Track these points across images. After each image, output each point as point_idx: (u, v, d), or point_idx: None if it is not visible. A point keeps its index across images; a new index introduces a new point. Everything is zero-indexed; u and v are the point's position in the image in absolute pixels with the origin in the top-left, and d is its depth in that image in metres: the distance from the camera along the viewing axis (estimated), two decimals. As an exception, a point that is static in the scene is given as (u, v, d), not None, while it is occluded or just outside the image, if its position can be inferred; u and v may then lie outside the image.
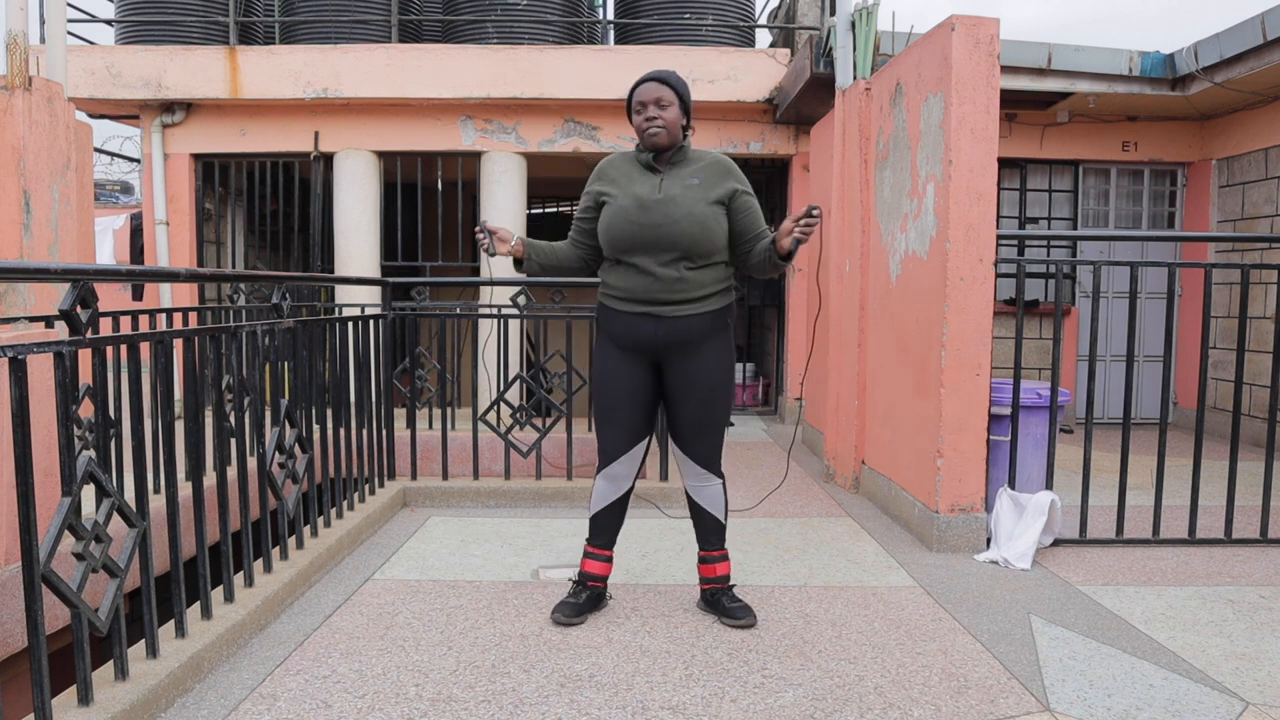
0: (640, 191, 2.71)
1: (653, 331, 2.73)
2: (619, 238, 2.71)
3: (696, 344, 2.74)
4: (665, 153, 2.76)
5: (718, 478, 2.86)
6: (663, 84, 2.72)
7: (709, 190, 2.71)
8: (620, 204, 2.72)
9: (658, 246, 2.67)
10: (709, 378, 2.75)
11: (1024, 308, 3.72)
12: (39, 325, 3.76)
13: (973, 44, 3.58)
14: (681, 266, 2.69)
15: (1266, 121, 6.42)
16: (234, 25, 7.29)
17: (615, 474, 2.85)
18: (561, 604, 2.88)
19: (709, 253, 2.71)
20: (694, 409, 2.77)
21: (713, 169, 2.76)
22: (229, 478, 2.77)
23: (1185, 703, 2.31)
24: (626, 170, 2.80)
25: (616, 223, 2.72)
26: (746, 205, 2.78)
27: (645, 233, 2.67)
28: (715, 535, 2.90)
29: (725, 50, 7.13)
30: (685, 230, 2.66)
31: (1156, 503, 3.71)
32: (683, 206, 2.67)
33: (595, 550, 2.92)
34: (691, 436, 2.80)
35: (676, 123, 2.73)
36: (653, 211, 2.67)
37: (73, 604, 1.97)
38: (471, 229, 8.18)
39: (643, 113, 2.72)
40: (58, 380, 1.97)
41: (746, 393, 8.57)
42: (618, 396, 2.79)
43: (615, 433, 2.81)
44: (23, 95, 3.99)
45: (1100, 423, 6.84)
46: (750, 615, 2.84)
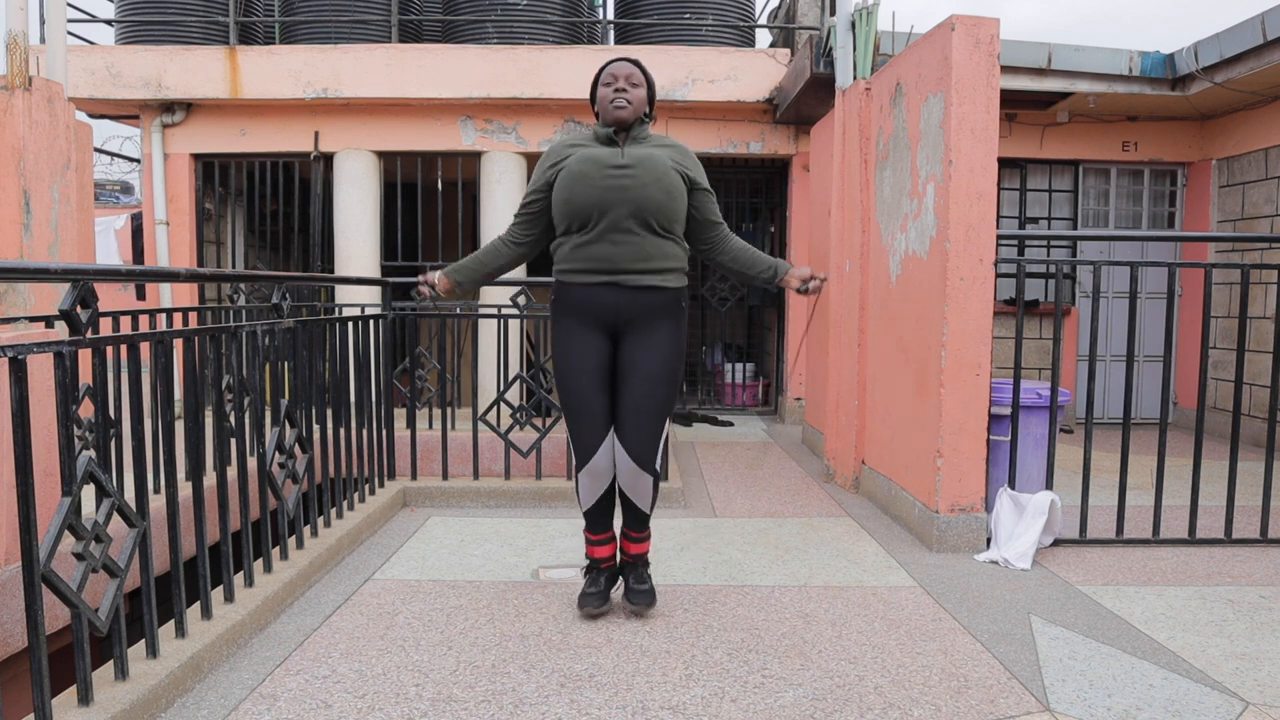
0: (603, 158, 2.65)
1: (614, 301, 2.67)
2: (582, 204, 2.62)
3: (652, 321, 2.69)
4: (626, 131, 2.72)
5: (650, 475, 2.75)
6: (635, 66, 2.72)
7: (673, 163, 2.69)
8: (580, 168, 2.63)
9: (623, 210, 2.61)
10: (657, 358, 2.69)
11: (1024, 308, 3.72)
12: (39, 325, 3.77)
13: (973, 44, 3.58)
14: (646, 233, 2.63)
15: (1266, 121, 6.42)
16: (234, 25, 7.29)
17: (597, 469, 2.77)
18: (585, 596, 2.86)
19: (673, 220, 2.67)
20: (636, 391, 2.69)
21: (676, 149, 2.75)
22: (229, 478, 2.77)
23: (1185, 703, 2.31)
24: (585, 143, 2.73)
25: (580, 189, 2.62)
26: (706, 188, 2.78)
27: (610, 195, 2.60)
28: (638, 520, 2.85)
29: (725, 50, 7.13)
30: (653, 195, 2.61)
31: (1156, 503, 3.71)
32: (650, 171, 2.63)
33: (597, 537, 2.91)
34: (630, 424, 2.69)
35: (642, 104, 2.71)
36: (618, 175, 2.61)
37: (73, 604, 1.97)
38: (472, 229, 8.19)
39: (612, 84, 2.68)
40: (58, 380, 1.97)
41: (746, 393, 8.57)
42: (582, 379, 2.71)
43: (587, 423, 2.73)
44: (23, 95, 3.99)
45: (1100, 423, 6.84)
46: (645, 602, 2.84)
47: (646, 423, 2.70)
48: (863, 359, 4.87)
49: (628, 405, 2.71)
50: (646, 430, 2.70)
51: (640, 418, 2.69)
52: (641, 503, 2.81)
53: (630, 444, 2.70)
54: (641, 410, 2.69)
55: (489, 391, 7.24)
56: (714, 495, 4.77)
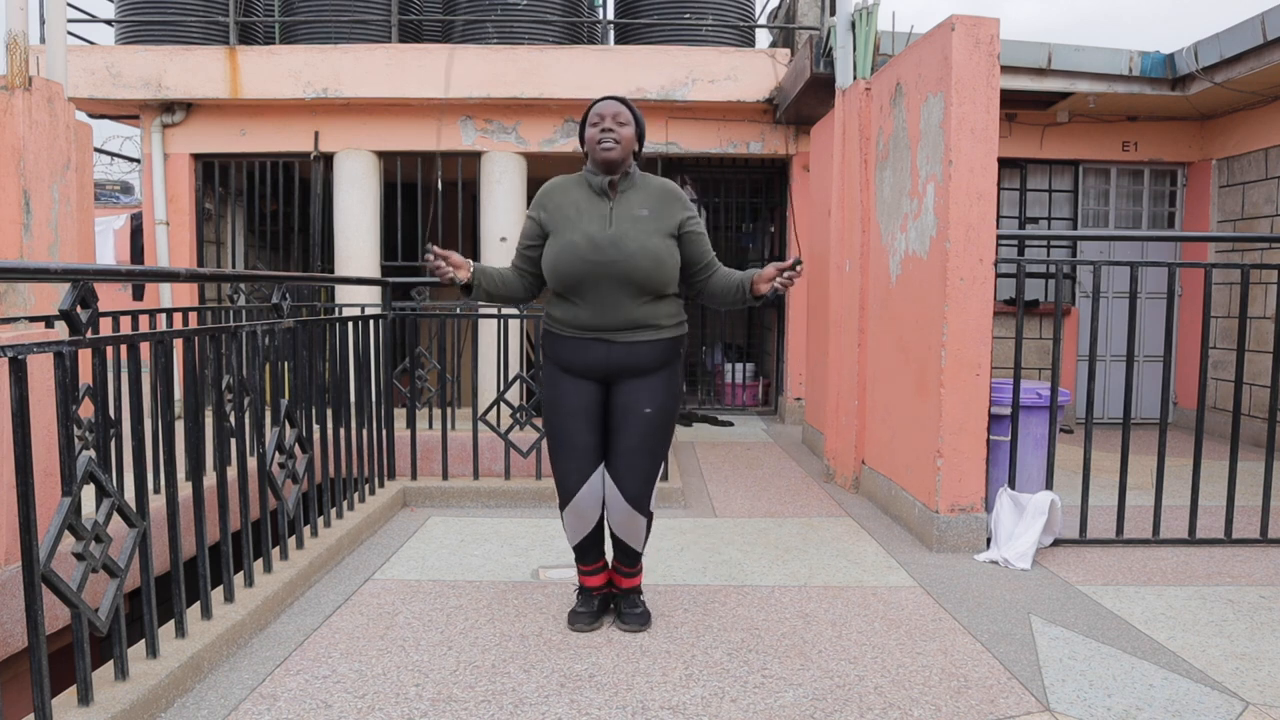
0: (591, 229, 2.60)
1: (604, 355, 2.64)
2: (569, 275, 2.60)
3: (646, 369, 2.66)
4: (615, 178, 2.67)
5: (644, 516, 2.71)
6: (622, 104, 2.68)
7: (660, 222, 2.64)
8: (570, 240, 2.60)
9: (611, 283, 2.58)
10: (653, 404, 2.65)
11: (1024, 308, 3.72)
12: (39, 325, 3.77)
13: (973, 44, 3.58)
14: (634, 303, 2.61)
15: (1266, 121, 6.42)
16: (234, 25, 7.29)
17: (581, 510, 2.70)
18: (576, 614, 2.82)
19: (662, 287, 2.64)
20: (631, 436, 2.64)
21: (662, 197, 2.69)
22: (229, 478, 2.77)
23: (1185, 703, 2.31)
24: (574, 198, 2.69)
25: (566, 260, 2.60)
26: (696, 234, 2.71)
27: (598, 270, 2.57)
28: (629, 557, 2.81)
29: (725, 50, 7.13)
30: (639, 266, 2.57)
31: (1156, 503, 3.71)
32: (636, 241, 2.58)
33: (588, 568, 2.86)
34: (626, 467, 2.65)
35: (630, 143, 2.66)
36: (605, 249, 2.57)
37: (73, 604, 1.97)
38: (472, 229, 8.18)
39: (599, 124, 2.64)
40: (58, 380, 1.97)
41: (746, 393, 8.57)
42: (569, 417, 2.67)
43: (573, 461, 2.67)
44: (23, 95, 3.99)
45: (1100, 423, 6.84)
46: (639, 624, 2.80)
47: (642, 465, 2.66)
48: (863, 359, 4.87)
49: (623, 448, 2.66)
50: (640, 473, 2.66)
51: (636, 460, 2.65)
52: (634, 543, 2.77)
53: (625, 487, 2.66)
54: (637, 453, 2.65)
55: (489, 391, 7.23)
56: (714, 495, 4.77)
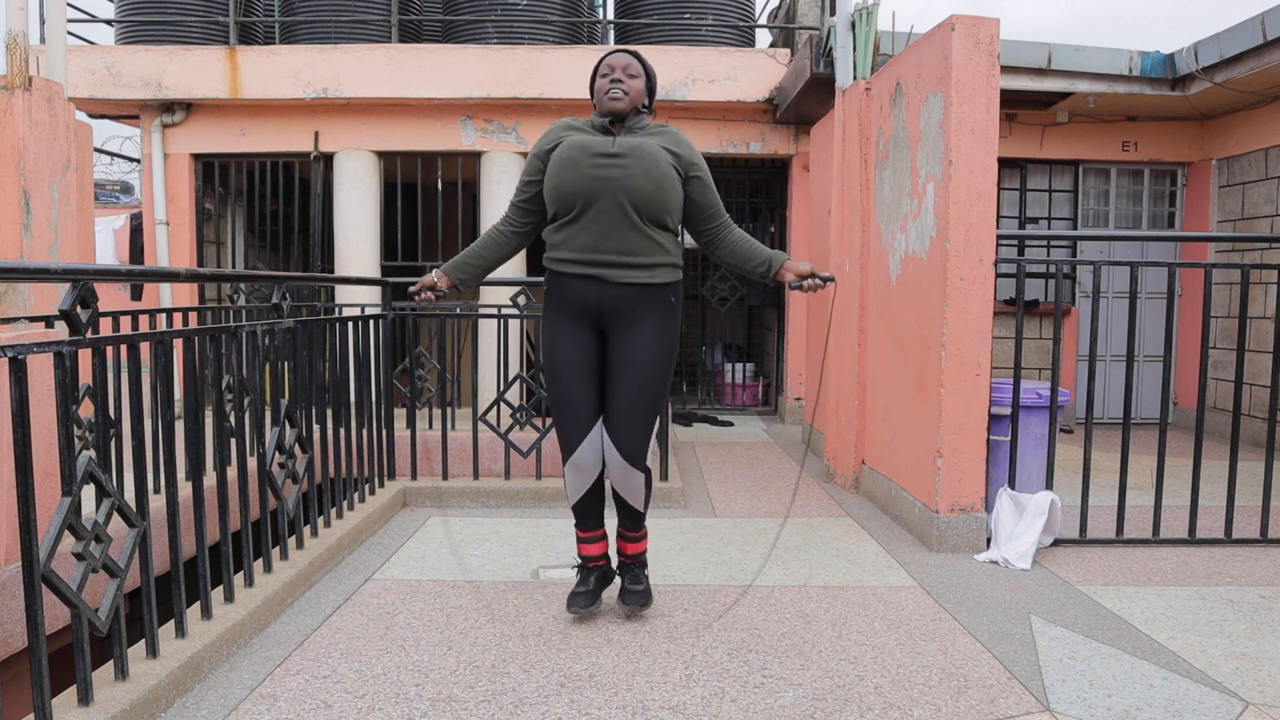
0: (595, 146, 2.59)
1: (598, 296, 2.62)
2: (570, 191, 2.57)
3: (639, 317, 2.64)
4: (621, 121, 2.66)
5: (641, 471, 2.72)
6: (633, 57, 2.67)
7: (666, 153, 2.63)
8: (571, 155, 2.58)
9: (610, 200, 2.55)
10: (647, 354, 2.64)
11: (1024, 308, 3.72)
12: (39, 325, 3.77)
13: (973, 44, 3.58)
14: (632, 224, 2.58)
15: (1266, 121, 6.42)
16: (234, 25, 7.29)
17: (581, 463, 2.72)
18: (574, 595, 2.83)
19: (662, 213, 2.60)
20: (625, 388, 2.64)
21: (671, 136, 2.69)
22: (229, 478, 2.77)
23: (1185, 703, 2.31)
24: (579, 130, 2.68)
25: (566, 174, 2.57)
26: (704, 182, 2.71)
27: (598, 185, 2.55)
28: (632, 519, 2.83)
29: (725, 50, 7.13)
30: (640, 186, 2.55)
31: (1156, 503, 3.71)
32: (640, 161, 2.56)
33: (587, 534, 2.87)
34: (621, 423, 2.66)
35: (639, 96, 2.65)
36: (606, 164, 2.55)
37: (73, 604, 1.97)
38: (472, 229, 8.19)
39: (609, 75, 2.63)
40: (58, 380, 1.97)
41: (746, 393, 8.57)
42: (567, 371, 2.68)
43: (572, 416, 2.68)
44: (23, 95, 3.99)
45: (1100, 423, 6.84)
46: (639, 602, 2.83)
47: (636, 420, 2.66)
48: (863, 359, 4.87)
49: (617, 403, 2.67)
50: (636, 428, 2.67)
51: (630, 416, 2.66)
52: (634, 500, 2.78)
53: (620, 442, 2.67)
54: (631, 408, 2.65)
55: (489, 391, 7.24)
56: (714, 495, 4.77)
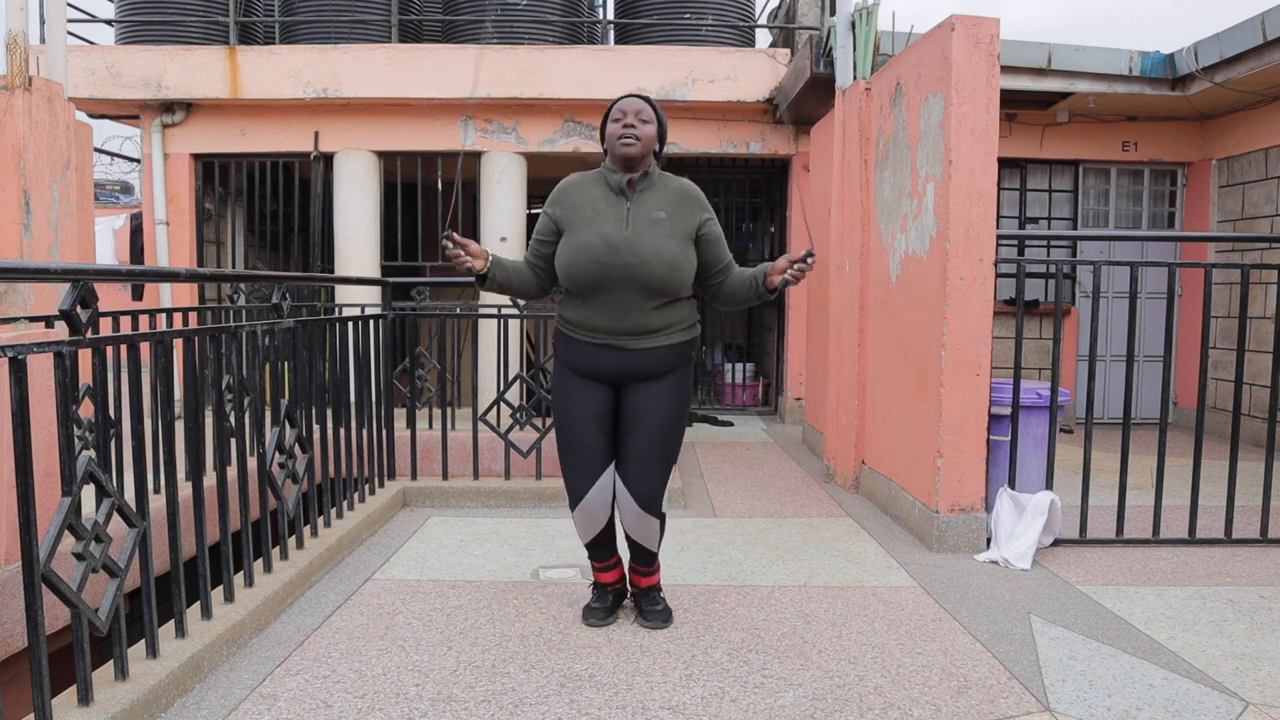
0: (607, 230, 2.57)
1: (615, 362, 2.64)
2: (583, 276, 2.58)
3: (658, 374, 2.66)
4: (634, 177, 2.64)
5: (656, 518, 2.72)
6: (646, 102, 2.65)
7: (677, 225, 2.61)
8: (585, 240, 2.57)
9: (625, 286, 2.56)
10: (665, 407, 2.66)
11: (1024, 308, 3.72)
12: (39, 325, 3.77)
13: (973, 44, 3.58)
14: (648, 306, 2.59)
15: (1266, 121, 6.42)
16: (234, 25, 7.29)
17: (590, 511, 2.70)
18: (590, 609, 2.85)
19: (677, 291, 2.63)
20: (642, 438, 2.65)
21: (680, 199, 2.66)
22: (229, 478, 2.77)
23: (1185, 703, 2.31)
24: (590, 196, 2.65)
25: (580, 261, 2.57)
26: (714, 236, 2.69)
27: (612, 273, 2.55)
28: (646, 557, 2.82)
29: (725, 50, 7.13)
30: (655, 271, 2.55)
31: (1156, 503, 3.71)
32: (652, 246, 2.55)
33: (602, 565, 2.88)
34: (636, 470, 2.66)
35: (651, 142, 2.63)
36: (620, 251, 2.54)
37: (73, 604, 1.97)
38: (472, 229, 8.18)
39: (621, 120, 2.60)
40: (58, 380, 1.97)
41: (746, 393, 8.57)
42: (579, 419, 2.67)
43: (582, 463, 2.67)
44: (23, 95, 3.99)
45: (1100, 423, 6.84)
46: (661, 620, 2.81)
47: (654, 469, 2.66)
48: (863, 359, 4.87)
49: (634, 452, 2.66)
50: (653, 475, 2.67)
51: (647, 463, 2.66)
52: (648, 544, 2.78)
53: (637, 490, 2.66)
54: (648, 456, 2.65)
55: (489, 391, 7.23)
56: (714, 495, 4.77)
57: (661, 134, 2.70)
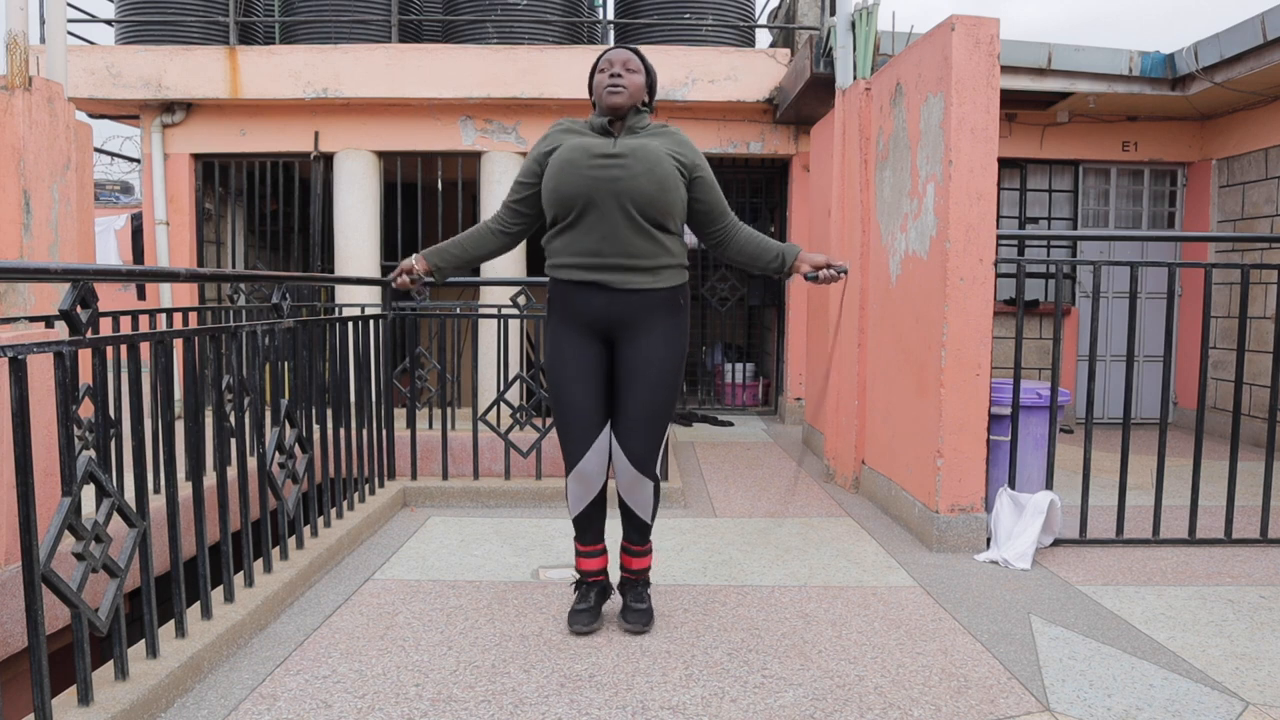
0: (593, 144, 2.54)
1: (604, 304, 2.57)
2: (568, 193, 2.51)
3: (648, 323, 2.59)
4: (621, 120, 2.59)
5: (651, 480, 2.67)
6: (633, 53, 2.62)
7: (668, 154, 2.56)
8: (571, 156, 2.52)
9: (611, 202, 2.49)
10: (657, 360, 2.59)
11: (1024, 308, 3.72)
12: (39, 325, 3.77)
13: (973, 44, 3.58)
14: (636, 228, 2.52)
15: (1266, 121, 6.42)
16: (234, 25, 7.29)
17: (585, 473, 2.66)
18: (575, 613, 2.77)
19: (665, 214, 2.54)
20: (636, 395, 2.59)
21: (673, 138, 2.63)
22: (229, 478, 2.77)
23: (1185, 703, 2.31)
24: (578, 132, 2.62)
25: (567, 175, 2.51)
26: (709, 181, 2.65)
27: (599, 186, 2.49)
28: (639, 533, 2.77)
29: (725, 50, 7.13)
30: (643, 187, 2.49)
31: (1156, 503, 3.71)
32: (642, 162, 2.50)
33: (587, 549, 2.82)
34: (630, 428, 2.60)
35: (639, 91, 2.59)
36: (607, 165, 2.49)
37: (73, 604, 1.97)
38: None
39: (607, 70, 2.56)
40: (58, 380, 1.97)
41: (746, 393, 8.57)
42: (572, 380, 2.62)
43: (577, 425, 2.63)
44: (23, 95, 3.99)
45: (1100, 423, 6.84)
46: (643, 622, 2.75)
47: (647, 428, 2.61)
48: (863, 359, 4.87)
49: (627, 411, 2.61)
50: (647, 434, 2.62)
51: (641, 422, 2.60)
52: (642, 511, 2.72)
53: (630, 449, 2.62)
54: (642, 414, 2.60)
55: (489, 391, 7.23)
56: (714, 495, 4.77)
57: (650, 85, 2.67)
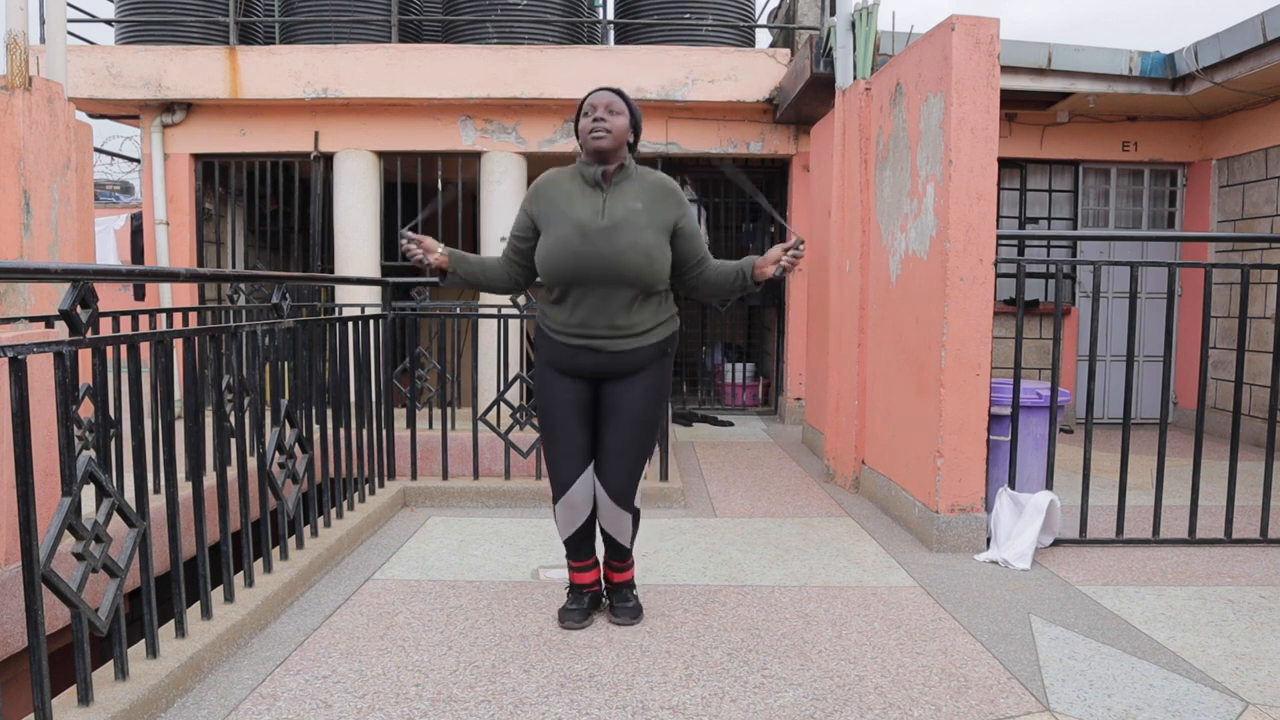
0: (583, 218, 2.60)
1: (592, 363, 2.67)
2: (560, 268, 2.60)
3: (635, 372, 2.70)
4: (609, 169, 2.65)
5: (629, 512, 2.76)
6: (616, 95, 2.66)
7: (654, 216, 2.62)
8: (562, 233, 2.60)
9: (602, 278, 2.58)
10: (639, 404, 2.69)
11: (1024, 308, 3.72)
12: (39, 325, 3.77)
13: (973, 44, 3.58)
14: (625, 300, 2.61)
15: (1266, 121, 6.42)
16: (234, 25, 7.29)
17: (573, 502, 2.73)
18: (566, 611, 2.85)
19: (653, 284, 2.64)
20: (617, 433, 2.69)
21: (657, 190, 2.67)
22: (229, 478, 2.77)
23: (1185, 703, 2.31)
24: (567, 190, 2.68)
25: (558, 253, 2.60)
26: (690, 230, 2.71)
27: (589, 263, 2.57)
28: (619, 553, 2.86)
29: (725, 50, 7.13)
30: (630, 262, 2.56)
31: (1156, 503, 3.71)
32: (627, 236, 2.57)
33: (579, 564, 2.89)
34: (611, 466, 2.70)
35: (623, 134, 2.64)
36: (596, 241, 2.57)
37: (73, 604, 1.97)
38: (472, 229, 8.18)
39: (591, 114, 2.62)
40: (58, 380, 1.97)
41: (746, 393, 8.57)
42: (562, 413, 2.71)
43: (564, 457, 2.71)
44: (23, 95, 3.99)
45: (1100, 423, 6.84)
46: (630, 616, 2.85)
47: (626, 464, 2.71)
48: (863, 359, 4.87)
49: (609, 447, 2.70)
50: (625, 471, 2.71)
51: (620, 459, 2.70)
52: (621, 538, 2.81)
53: (610, 484, 2.71)
54: (622, 452, 2.70)
55: (489, 391, 7.23)
56: (714, 495, 4.77)
57: (635, 125, 2.71)
